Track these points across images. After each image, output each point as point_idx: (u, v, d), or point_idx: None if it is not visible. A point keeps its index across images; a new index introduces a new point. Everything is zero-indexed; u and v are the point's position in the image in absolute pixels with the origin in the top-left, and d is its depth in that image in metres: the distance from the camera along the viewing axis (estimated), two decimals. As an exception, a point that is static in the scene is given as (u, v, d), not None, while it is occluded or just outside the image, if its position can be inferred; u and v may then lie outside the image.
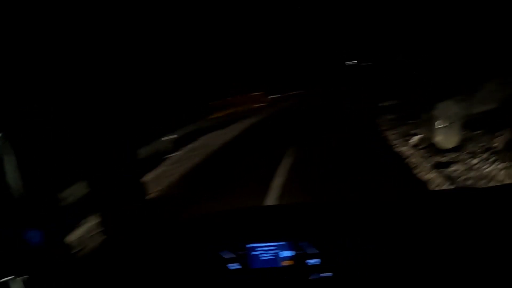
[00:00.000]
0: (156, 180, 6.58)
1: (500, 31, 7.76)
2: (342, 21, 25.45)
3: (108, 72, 1.67)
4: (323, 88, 28.68)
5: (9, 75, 1.31)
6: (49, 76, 1.45)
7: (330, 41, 32.69)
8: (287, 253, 1.37)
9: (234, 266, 1.38)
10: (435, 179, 5.03)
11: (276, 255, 1.37)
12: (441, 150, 6.44)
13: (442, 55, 10.68)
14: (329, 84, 30.52)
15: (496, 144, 6.27)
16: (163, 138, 9.46)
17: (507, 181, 4.38)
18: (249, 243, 1.38)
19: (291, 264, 1.36)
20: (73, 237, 3.77)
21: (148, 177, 6.70)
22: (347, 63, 36.32)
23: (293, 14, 32.54)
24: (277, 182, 5.42)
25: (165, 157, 8.48)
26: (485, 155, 5.88)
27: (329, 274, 1.31)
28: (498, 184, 4.07)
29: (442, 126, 6.41)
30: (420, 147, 6.98)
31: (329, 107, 17.41)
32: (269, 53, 29.14)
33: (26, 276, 1.08)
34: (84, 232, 3.93)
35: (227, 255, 1.38)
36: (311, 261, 1.34)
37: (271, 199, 4.59)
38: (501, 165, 5.01)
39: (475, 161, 5.79)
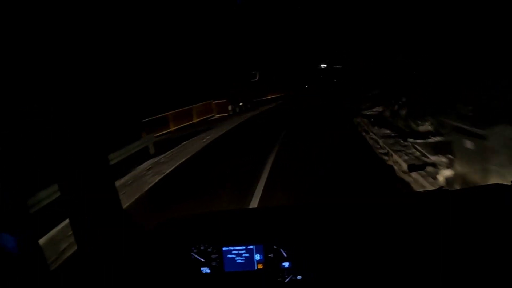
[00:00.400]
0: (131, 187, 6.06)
1: (501, 31, 7.01)
2: (342, 21, 25.40)
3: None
4: (320, 88, 27.63)
5: (9, 75, 1.28)
6: (50, 76, 1.34)
7: (330, 41, 32.35)
8: (261, 256, 1.36)
9: (208, 269, 1.37)
10: None
11: (251, 258, 1.36)
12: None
13: (442, 55, 9.58)
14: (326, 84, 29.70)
15: None
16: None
17: None
18: (224, 246, 1.37)
19: (265, 267, 1.36)
20: (47, 242, 3.52)
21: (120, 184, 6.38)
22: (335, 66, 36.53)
23: (293, 13, 31.89)
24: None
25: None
26: None
27: (299, 277, 1.32)
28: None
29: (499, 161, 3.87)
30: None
31: (326, 108, 15.52)
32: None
33: None
34: (59, 237, 3.59)
35: (202, 259, 1.37)
36: (284, 264, 1.34)
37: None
38: None
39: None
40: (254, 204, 4.62)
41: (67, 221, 2.94)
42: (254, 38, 28.81)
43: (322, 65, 43.43)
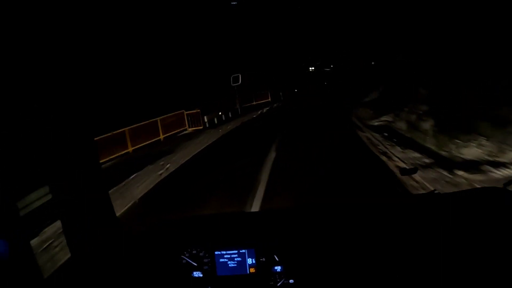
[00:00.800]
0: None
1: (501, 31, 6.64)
2: (342, 21, 24.74)
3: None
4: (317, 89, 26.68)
5: (9, 75, 1.26)
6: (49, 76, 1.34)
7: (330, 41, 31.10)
8: (253, 260, 1.35)
9: (201, 273, 1.36)
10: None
11: (243, 262, 1.36)
12: None
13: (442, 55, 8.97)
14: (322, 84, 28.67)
15: None
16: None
17: None
18: (216, 250, 1.37)
19: (257, 271, 1.35)
20: (39, 246, 3.32)
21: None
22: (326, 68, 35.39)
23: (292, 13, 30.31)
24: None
25: None
26: None
27: (291, 281, 1.31)
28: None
29: None
30: None
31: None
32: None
33: None
34: (51, 240, 3.40)
35: (195, 263, 1.37)
36: (276, 268, 1.33)
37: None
38: None
39: None
40: None
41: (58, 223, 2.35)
42: (240, 39, 26.53)
43: (311, 68, 41.95)
